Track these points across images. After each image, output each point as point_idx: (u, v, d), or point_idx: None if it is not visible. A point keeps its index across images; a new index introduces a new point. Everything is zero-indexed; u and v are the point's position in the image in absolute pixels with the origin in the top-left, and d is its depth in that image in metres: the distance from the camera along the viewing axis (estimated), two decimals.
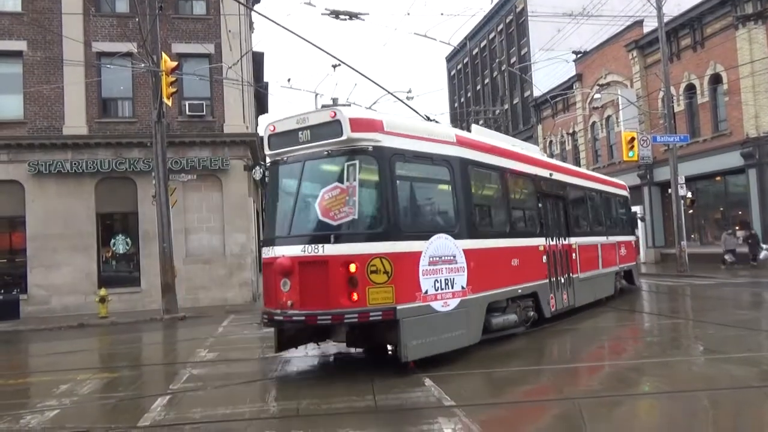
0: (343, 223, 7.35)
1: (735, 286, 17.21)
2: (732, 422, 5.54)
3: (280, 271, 7.47)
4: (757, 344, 9.06)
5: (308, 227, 7.72)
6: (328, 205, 7.41)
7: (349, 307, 7.13)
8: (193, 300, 18.98)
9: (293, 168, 8.04)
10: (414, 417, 5.91)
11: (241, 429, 5.70)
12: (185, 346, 12.10)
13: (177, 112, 19.54)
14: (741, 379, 6.76)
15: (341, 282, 7.17)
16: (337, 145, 7.56)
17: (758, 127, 22.48)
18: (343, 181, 7.40)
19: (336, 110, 7.66)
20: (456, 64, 58.00)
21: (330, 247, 7.23)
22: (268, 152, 8.44)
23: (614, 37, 31.44)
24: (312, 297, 7.31)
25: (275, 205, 8.51)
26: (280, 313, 7.58)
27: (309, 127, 7.85)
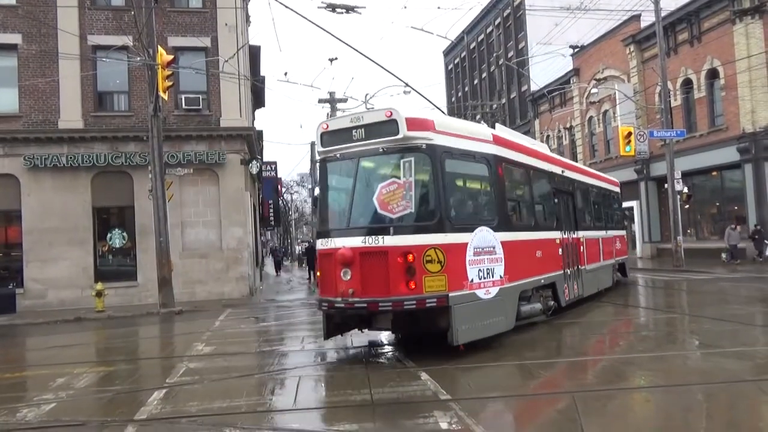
0: (400, 216, 7.85)
1: (731, 281, 17.28)
2: (726, 416, 5.57)
3: (341, 261, 7.87)
4: (752, 339, 9.11)
5: (367, 220, 8.12)
6: (386, 199, 7.90)
7: (408, 295, 7.61)
8: (190, 294, 18.98)
9: (347, 164, 8.47)
10: (410, 410, 5.93)
11: (237, 422, 5.71)
12: (182, 340, 12.11)
13: (173, 105, 19.47)
14: (735, 373, 6.80)
15: (400, 271, 7.62)
16: (393, 143, 8.02)
17: (754, 122, 22.52)
18: (400, 176, 7.92)
19: (392, 110, 8.09)
20: (453, 58, 57.89)
21: (389, 238, 7.71)
22: (320, 149, 8.82)
23: (611, 32, 31.41)
24: (373, 285, 7.74)
25: (329, 199, 8.96)
26: (342, 300, 7.94)
27: (363, 126, 8.31)
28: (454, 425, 5.37)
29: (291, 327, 13.39)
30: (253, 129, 21.91)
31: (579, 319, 11.29)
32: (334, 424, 5.65)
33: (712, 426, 5.08)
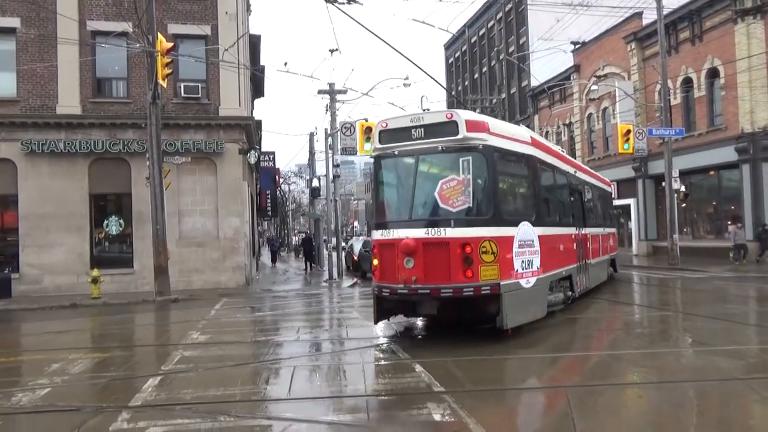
0: (460, 210, 8.52)
1: (725, 280, 17.36)
2: (716, 413, 5.62)
3: (404, 250, 8.47)
4: (744, 337, 9.18)
5: (429, 213, 8.75)
6: (447, 194, 8.58)
7: (466, 282, 8.33)
8: (186, 283, 18.98)
9: (406, 161, 9.09)
10: (404, 402, 5.97)
11: (231, 410, 5.74)
12: (177, 328, 12.14)
13: (172, 93, 19.40)
14: (727, 371, 6.86)
15: (459, 260, 8.33)
16: (452, 143, 8.65)
17: (753, 122, 22.56)
18: (459, 173, 8.58)
19: (453, 112, 8.87)
20: (454, 51, 57.73)
21: (450, 230, 8.41)
22: (378, 146, 9.37)
23: (613, 29, 31.35)
24: (434, 273, 8.39)
25: (387, 193, 9.62)
26: (404, 287, 8.56)
27: (423, 126, 8.91)
28: (447, 417, 5.41)
29: (287, 317, 13.42)
30: (251, 119, 21.85)
31: (575, 315, 11.35)
32: (327, 414, 5.68)
33: (703, 423, 5.12)
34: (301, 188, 65.12)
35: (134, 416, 5.68)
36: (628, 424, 5.28)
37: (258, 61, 28.35)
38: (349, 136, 21.78)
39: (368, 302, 15.91)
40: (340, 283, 20.87)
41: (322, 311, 14.69)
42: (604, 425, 5.22)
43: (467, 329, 9.55)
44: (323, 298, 17.09)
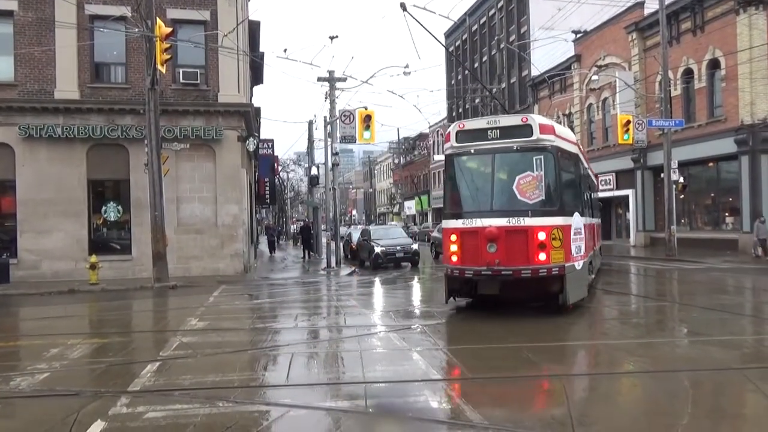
0: (535, 202, 9.72)
1: (722, 271, 17.43)
2: (710, 402, 5.67)
3: (488, 237, 9.64)
4: (740, 328, 9.24)
5: (509, 204, 9.87)
6: (524, 188, 9.79)
7: (541, 264, 9.57)
8: (184, 269, 19.00)
9: (483, 158, 10.23)
10: (401, 389, 6.01)
11: (230, 396, 5.77)
12: (176, 314, 12.17)
13: (171, 79, 19.29)
14: (722, 361, 6.91)
15: (535, 246, 9.57)
16: (527, 143, 9.86)
17: (753, 114, 22.51)
18: (533, 170, 9.78)
19: (528, 117, 10.15)
20: (455, 40, 57.40)
21: (528, 219, 9.64)
22: (455, 144, 10.43)
23: (614, 18, 31.16)
24: (514, 257, 9.59)
25: (464, 187, 10.63)
26: (488, 269, 9.72)
27: (499, 128, 10.11)
28: (444, 404, 5.46)
29: (285, 305, 13.46)
30: (251, 105, 21.76)
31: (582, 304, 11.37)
32: (326, 400, 5.72)
33: (697, 411, 5.17)
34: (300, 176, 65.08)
35: (133, 401, 5.71)
36: (623, 412, 5.33)
37: (257, 48, 28.17)
38: (348, 124, 21.71)
39: (366, 290, 15.98)
40: (338, 272, 20.91)
41: (320, 299, 14.74)
42: (599, 413, 5.26)
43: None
44: (321, 286, 17.13)
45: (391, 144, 68.42)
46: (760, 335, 8.79)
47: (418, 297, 14.39)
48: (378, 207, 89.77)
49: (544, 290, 10.14)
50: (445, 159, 10.80)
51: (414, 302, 13.38)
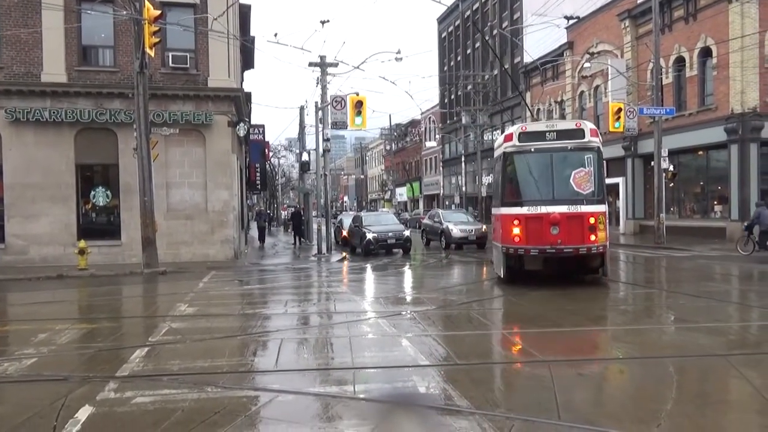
0: (588, 192, 11.81)
1: (710, 259, 17.59)
2: (695, 388, 5.75)
3: (551, 221, 11.50)
4: (725, 315, 9.35)
5: (568, 194, 11.81)
6: (579, 181, 11.86)
7: (592, 244, 11.63)
8: (174, 255, 18.92)
9: (542, 156, 12.05)
10: (390, 374, 6.04)
11: (218, 381, 5.77)
12: (165, 300, 12.14)
13: (160, 63, 19.05)
14: (707, 347, 6.99)
15: (587, 228, 11.58)
16: (579, 144, 12.00)
17: (744, 103, 22.61)
18: (585, 166, 11.90)
19: (581, 122, 12.74)
20: (447, 26, 57.07)
21: (583, 207, 11.66)
22: (517, 143, 12.20)
23: (607, 5, 31.07)
24: (572, 237, 11.53)
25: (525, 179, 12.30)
26: (552, 247, 11.61)
27: (556, 131, 12.19)
28: (432, 389, 5.49)
29: (275, 291, 13.46)
30: (241, 90, 21.57)
31: (562, 291, 11.47)
32: (314, 386, 5.74)
33: (681, 397, 5.23)
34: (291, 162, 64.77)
35: (121, 386, 5.70)
36: (609, 398, 5.38)
37: (248, 32, 27.86)
38: (339, 110, 21.61)
39: (357, 276, 16.00)
40: (329, 258, 20.92)
41: (310, 285, 14.75)
42: (585, 398, 5.31)
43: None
44: (312, 272, 17.14)
45: (383, 130, 68.23)
46: (745, 322, 8.90)
47: (408, 283, 14.42)
48: (369, 193, 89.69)
49: (588, 266, 12.36)
50: (505, 156, 12.43)
51: (404, 288, 13.42)
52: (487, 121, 41.39)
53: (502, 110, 44.14)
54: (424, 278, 15.29)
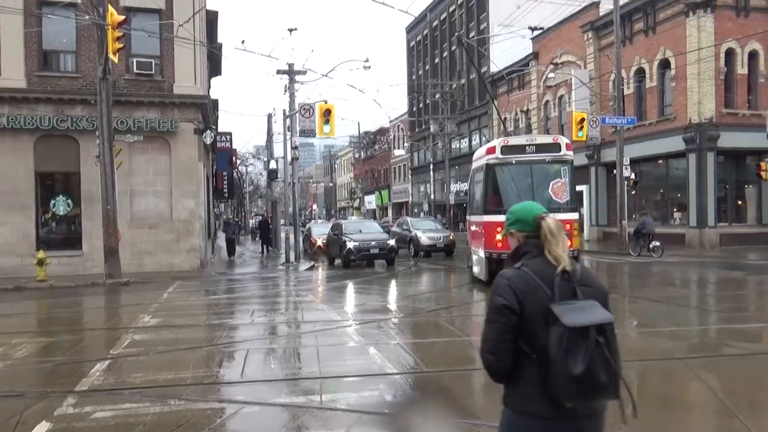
0: (564, 201, 12.96)
1: (670, 264, 18.08)
2: (655, 391, 5.89)
3: None
4: (684, 319, 9.62)
5: (547, 202, 12.32)
6: (557, 191, 12.94)
7: (568, 249, 11.53)
8: (138, 265, 18.51)
9: (522, 168, 13.08)
10: (357, 383, 6.03)
11: (182, 394, 5.67)
12: (128, 311, 11.87)
13: (124, 69, 18.70)
14: (667, 351, 7.18)
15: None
16: (556, 157, 13.13)
17: (701, 113, 23.38)
18: (561, 177, 13.04)
19: (558, 137, 14.13)
20: (416, 35, 57.58)
21: (561, 215, 11.89)
22: (499, 156, 13.12)
23: (571, 17, 31.83)
24: None
25: (508, 188, 13.12)
26: None
27: (535, 144, 13.33)
28: (399, 398, 5.49)
29: (242, 300, 13.30)
30: (208, 97, 21.34)
31: None
32: (281, 396, 5.68)
33: (641, 400, 5.35)
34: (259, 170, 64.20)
35: (80, 401, 5.55)
36: None
37: (215, 39, 27.59)
38: (308, 117, 21.53)
39: (326, 285, 15.93)
40: (297, 267, 20.76)
41: (278, 294, 14.62)
42: None
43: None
44: (280, 282, 16.99)
45: (352, 138, 68.25)
46: (702, 326, 9.18)
47: (377, 291, 14.42)
48: (339, 201, 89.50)
49: None
50: (488, 167, 13.30)
51: (373, 296, 13.41)
52: (455, 130, 41.81)
53: (470, 119, 44.69)
54: (394, 286, 15.32)
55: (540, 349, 2.18)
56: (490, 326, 2.29)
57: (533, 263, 2.31)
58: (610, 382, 2.23)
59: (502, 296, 2.25)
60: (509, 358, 2.28)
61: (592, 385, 2.16)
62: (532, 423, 2.27)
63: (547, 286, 2.24)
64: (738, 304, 11.15)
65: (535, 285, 2.25)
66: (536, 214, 2.41)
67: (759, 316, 9.79)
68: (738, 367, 6.47)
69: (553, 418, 2.22)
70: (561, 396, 2.16)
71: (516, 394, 2.34)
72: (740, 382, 5.94)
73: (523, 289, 2.24)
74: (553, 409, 2.19)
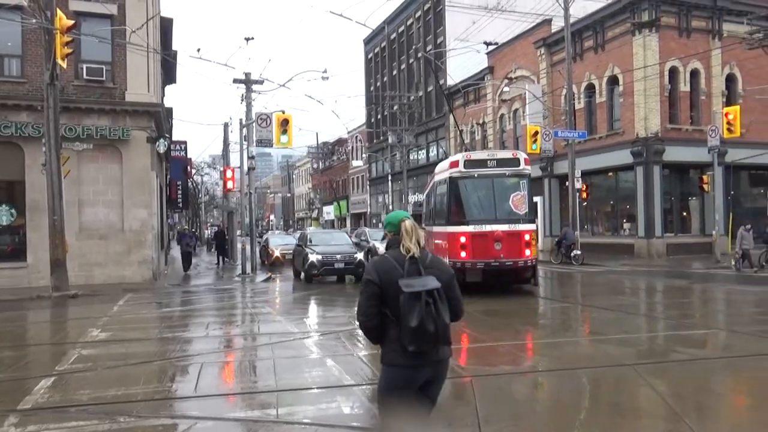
0: (523, 213, 13.48)
1: (619, 274, 18.66)
2: (605, 397, 6.05)
3: (495, 238, 12.99)
4: (633, 326, 9.93)
5: (508, 215, 13.36)
6: (516, 203, 13.45)
7: (527, 258, 13.28)
8: (87, 277, 17.85)
9: (483, 181, 13.61)
10: (314, 395, 5.96)
11: (132, 411, 5.47)
12: (75, 325, 11.41)
13: (73, 75, 18.11)
14: (617, 357, 7.39)
15: (524, 244, 13.19)
16: (515, 171, 13.69)
17: (647, 128, 24.34)
18: (521, 190, 13.59)
19: (517, 153, 14.57)
20: (374, 47, 57.96)
21: (521, 225, 13.27)
22: (462, 169, 13.61)
23: (525, 34, 32.69)
24: (512, 252, 13.07)
25: (470, 201, 13.73)
26: (495, 261, 13.06)
27: (496, 159, 13.85)
28: (357, 409, 5.46)
29: (196, 313, 12.98)
30: (161, 105, 20.87)
31: (481, 306, 11.77)
32: (236, 411, 5.57)
33: (593, 406, 5.49)
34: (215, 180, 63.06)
35: (23, 420, 5.29)
36: (528, 410, 5.56)
37: (170, 46, 27.08)
38: (265, 127, 21.33)
39: (283, 297, 15.72)
40: (253, 278, 20.44)
41: (234, 306, 14.34)
42: (504, 411, 5.46)
43: None
44: (236, 293, 16.68)
45: (310, 149, 67.93)
46: (650, 333, 9.49)
47: (335, 302, 14.32)
48: (297, 212, 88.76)
49: (522, 276, 13.85)
50: (452, 180, 13.76)
51: (331, 308, 13.32)
52: (413, 141, 42.18)
53: (427, 130, 45.18)
54: (352, 297, 15.24)
55: (396, 312, 3.12)
56: (362, 296, 3.23)
57: (393, 252, 3.29)
58: (438, 331, 3.11)
59: (369, 274, 3.24)
60: (376, 318, 3.21)
61: (425, 334, 3.06)
62: (399, 371, 3.19)
63: (400, 267, 3.18)
64: (684, 311, 11.59)
65: (391, 266, 3.20)
66: (400, 219, 3.34)
67: (704, 323, 10.20)
68: (685, 372, 6.71)
69: (413, 366, 3.15)
70: (406, 343, 3.08)
71: (387, 352, 3.23)
72: (687, 386, 6.16)
73: (382, 269, 3.21)
74: (412, 359, 3.12)
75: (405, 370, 3.16)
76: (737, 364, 7.17)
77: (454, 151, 38.15)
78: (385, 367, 3.27)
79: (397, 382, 3.19)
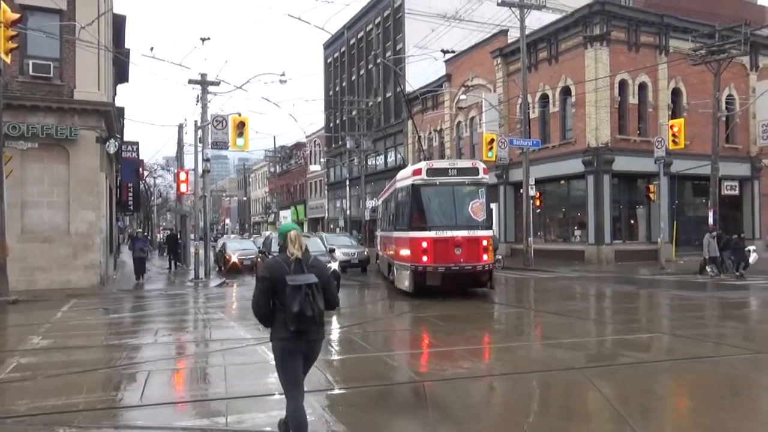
0: (482, 220, 14.06)
1: (570, 279, 19.12)
2: (554, 400, 6.17)
3: (455, 243, 13.55)
4: (583, 331, 10.18)
5: (467, 221, 13.94)
6: (475, 210, 14.05)
7: (484, 262, 13.84)
8: (29, 282, 17.10)
9: (445, 189, 14.17)
10: (265, 404, 5.86)
11: (73, 421, 5.25)
12: (15, 332, 10.90)
13: (17, 70, 17.36)
14: (566, 361, 7.55)
15: (482, 249, 13.76)
16: (474, 180, 14.30)
17: (597, 138, 25.10)
18: (479, 198, 14.21)
19: (476, 162, 14.94)
20: (333, 51, 57.87)
21: (479, 231, 13.87)
22: (425, 177, 14.12)
23: (482, 43, 33.27)
24: (471, 257, 13.64)
25: (432, 208, 14.25)
26: (455, 265, 13.57)
27: (456, 168, 14.38)
28: (311, 416, 5.38)
29: (145, 319, 12.61)
30: (112, 105, 20.23)
31: (437, 312, 11.85)
32: (184, 419, 5.41)
33: (541, 409, 5.58)
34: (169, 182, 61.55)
35: None
36: (480, 414, 5.61)
37: (122, 44, 26.30)
38: (220, 130, 20.97)
39: (238, 303, 15.44)
40: (207, 283, 20.01)
41: (185, 312, 13.99)
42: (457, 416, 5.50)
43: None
44: (188, 299, 16.28)
45: (267, 152, 67.18)
46: (599, 337, 9.75)
47: None
48: (253, 216, 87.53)
49: (479, 280, 14.45)
50: (414, 187, 14.22)
51: None
52: (371, 147, 42.26)
53: (386, 136, 45.34)
54: None
55: (283, 301, 4.07)
56: (256, 289, 4.21)
57: (282, 255, 4.23)
58: (315, 315, 4.04)
59: (262, 272, 4.22)
60: (267, 307, 4.19)
61: (304, 317, 4.01)
62: (282, 343, 4.16)
63: (287, 266, 4.12)
64: (630, 316, 11.96)
65: (280, 265, 4.14)
66: (288, 230, 4.27)
67: (649, 327, 10.55)
68: (630, 375, 6.91)
69: (291, 339, 4.10)
70: (289, 324, 4.03)
71: (274, 331, 4.22)
72: (632, 389, 6.34)
73: (273, 268, 4.16)
74: (291, 334, 4.07)
75: (286, 342, 4.12)
76: (679, 366, 7.43)
77: (413, 157, 38.44)
78: (273, 343, 4.25)
79: (283, 352, 4.17)
